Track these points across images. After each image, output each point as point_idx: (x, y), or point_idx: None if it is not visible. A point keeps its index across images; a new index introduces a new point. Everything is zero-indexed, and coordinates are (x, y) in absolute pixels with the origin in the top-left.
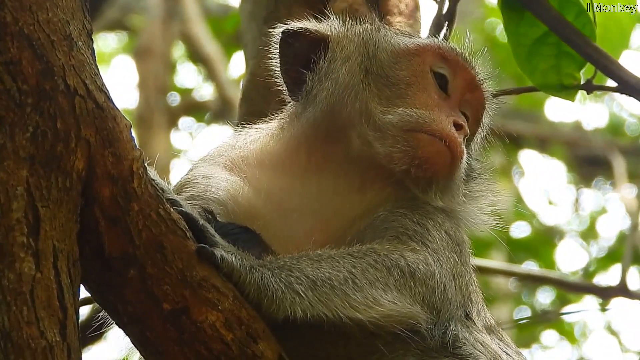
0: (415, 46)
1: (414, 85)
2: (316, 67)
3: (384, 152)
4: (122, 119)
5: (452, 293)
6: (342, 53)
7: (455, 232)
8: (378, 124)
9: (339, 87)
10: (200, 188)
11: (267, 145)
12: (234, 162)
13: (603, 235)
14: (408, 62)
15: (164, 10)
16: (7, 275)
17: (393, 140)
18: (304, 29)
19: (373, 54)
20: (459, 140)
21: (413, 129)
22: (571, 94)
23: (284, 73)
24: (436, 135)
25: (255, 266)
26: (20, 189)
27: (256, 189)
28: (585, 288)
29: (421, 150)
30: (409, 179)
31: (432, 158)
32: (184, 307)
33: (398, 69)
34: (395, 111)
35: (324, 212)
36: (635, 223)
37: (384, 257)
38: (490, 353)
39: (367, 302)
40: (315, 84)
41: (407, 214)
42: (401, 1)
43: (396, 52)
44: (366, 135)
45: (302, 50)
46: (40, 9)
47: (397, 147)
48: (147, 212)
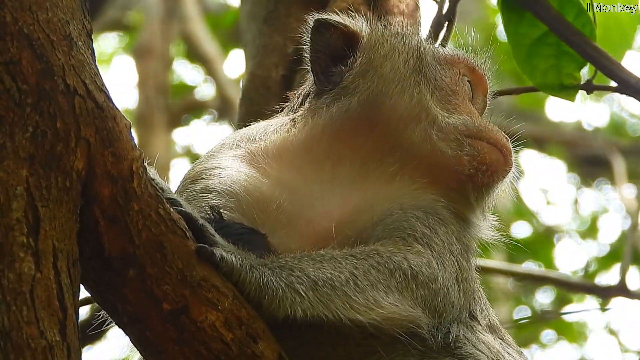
0: (452, 55)
1: (459, 93)
2: (351, 62)
3: (453, 154)
4: (122, 118)
5: (455, 297)
6: (382, 51)
7: (466, 239)
8: (441, 125)
9: (384, 80)
10: (215, 180)
11: (288, 136)
12: (252, 154)
13: (603, 235)
14: (450, 69)
15: (163, 9)
16: (7, 275)
17: (458, 144)
18: (340, 23)
19: (421, 55)
20: (512, 150)
21: (474, 136)
22: (571, 94)
23: (314, 62)
24: (494, 143)
25: (255, 265)
26: (20, 188)
27: (275, 181)
28: (585, 288)
29: (485, 157)
30: (471, 183)
31: (494, 165)
32: (183, 307)
33: (443, 74)
34: (455, 116)
35: (346, 201)
36: (635, 223)
37: (387, 259)
38: (493, 353)
39: (367, 304)
40: (354, 78)
41: (420, 217)
42: (401, 1)
43: (439, 58)
44: (430, 134)
45: (332, 43)
46: (40, 9)
47: (465, 151)
48: (147, 212)
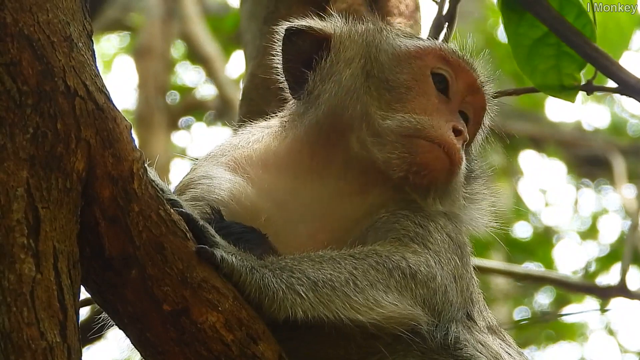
0: (416, 49)
1: (414, 89)
2: (318, 66)
3: (382, 157)
4: (122, 120)
5: (453, 295)
6: (345, 54)
7: (456, 235)
8: (377, 129)
9: (341, 89)
10: (203, 189)
11: (271, 145)
12: (237, 162)
13: (603, 236)
14: (409, 65)
15: (163, 9)
16: (8, 276)
17: (391, 146)
18: (308, 27)
19: (375, 56)
20: (457, 146)
21: (412, 135)
22: (571, 94)
23: (285, 71)
24: (435, 141)
25: (256, 267)
26: (21, 190)
27: (259, 190)
28: (585, 288)
29: (419, 157)
30: (407, 184)
31: (431, 164)
32: (184, 308)
33: (399, 72)
34: (394, 116)
35: (326, 214)
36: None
37: (386, 259)
38: (491, 353)
39: (368, 304)
40: (317, 84)
41: (409, 215)
42: (401, 2)
43: (397, 54)
44: (365, 140)
45: (305, 49)
46: (40, 10)
47: (395, 154)
48: (148, 213)
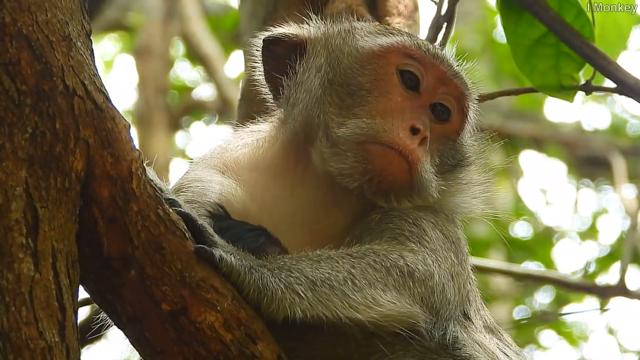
0: (378, 48)
1: (375, 90)
2: (293, 73)
3: (337, 169)
4: (121, 119)
5: (450, 293)
6: (316, 61)
7: (450, 231)
8: (334, 139)
9: (311, 100)
10: (195, 192)
11: (259, 150)
12: (226, 164)
13: (603, 236)
14: (371, 65)
15: (163, 9)
16: (6, 275)
17: (344, 156)
18: (283, 35)
19: (339, 61)
20: (411, 147)
21: (364, 141)
22: (570, 94)
23: (267, 80)
24: (388, 145)
25: (254, 266)
26: (19, 189)
27: (249, 193)
28: (585, 288)
29: (373, 164)
30: (366, 193)
31: (385, 169)
32: (182, 308)
33: (360, 74)
34: (348, 123)
35: (312, 221)
36: (635, 223)
37: (383, 258)
38: (488, 353)
39: (366, 303)
40: (292, 92)
41: (401, 215)
42: (400, 2)
43: (360, 56)
44: (324, 153)
45: (284, 56)
46: (39, 10)
47: (347, 163)
48: (146, 213)
